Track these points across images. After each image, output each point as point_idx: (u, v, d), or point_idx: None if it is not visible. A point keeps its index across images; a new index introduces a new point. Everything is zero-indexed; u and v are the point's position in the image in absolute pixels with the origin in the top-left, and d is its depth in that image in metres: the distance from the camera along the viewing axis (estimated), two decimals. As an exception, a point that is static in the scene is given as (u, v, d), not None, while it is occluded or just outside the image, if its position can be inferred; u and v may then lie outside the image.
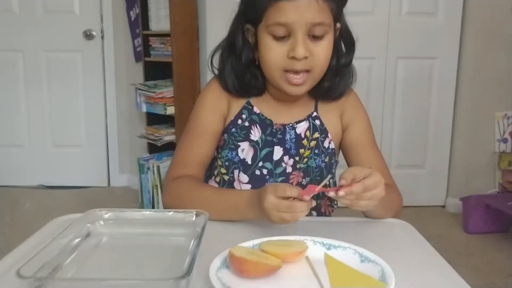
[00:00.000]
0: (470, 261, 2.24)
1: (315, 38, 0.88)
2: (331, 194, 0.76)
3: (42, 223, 0.87)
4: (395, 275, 0.64)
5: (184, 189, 0.93)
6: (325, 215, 1.05)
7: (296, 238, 0.76)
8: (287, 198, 0.76)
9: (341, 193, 0.75)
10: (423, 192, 2.92)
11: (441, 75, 2.83)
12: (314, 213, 1.03)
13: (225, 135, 1.01)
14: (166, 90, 2.65)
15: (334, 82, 0.98)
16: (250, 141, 0.99)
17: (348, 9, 0.97)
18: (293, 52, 0.86)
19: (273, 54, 0.89)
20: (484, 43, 2.74)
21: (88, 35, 3.10)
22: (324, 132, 1.02)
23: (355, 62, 1.03)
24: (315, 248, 0.74)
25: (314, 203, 0.77)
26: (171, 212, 0.79)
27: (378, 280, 0.65)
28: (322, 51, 0.89)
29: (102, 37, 3.12)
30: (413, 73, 2.83)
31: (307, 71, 0.90)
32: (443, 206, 2.95)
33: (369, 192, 0.76)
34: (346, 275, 0.68)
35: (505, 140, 2.83)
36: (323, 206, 1.05)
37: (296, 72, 0.89)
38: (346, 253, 0.73)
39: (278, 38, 0.88)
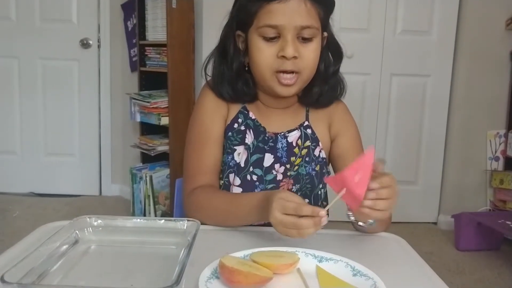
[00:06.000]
0: (461, 279, 2.23)
1: (304, 40, 0.91)
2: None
3: (32, 231, 0.86)
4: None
5: (200, 200, 0.95)
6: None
7: (287, 250, 0.75)
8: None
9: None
10: (415, 208, 2.92)
11: (434, 92, 2.85)
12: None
13: (224, 140, 1.01)
14: (161, 100, 2.65)
15: (323, 89, 1.00)
16: (245, 144, 1.00)
17: (343, 26, 0.98)
18: (283, 52, 0.89)
19: (264, 54, 0.92)
20: (477, 61, 2.77)
21: (84, 44, 3.10)
22: (315, 140, 1.03)
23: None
24: (307, 260, 0.74)
25: (325, 221, 0.73)
26: (162, 220, 0.78)
27: (370, 294, 0.64)
28: (310, 53, 0.92)
29: (99, 46, 3.12)
30: (406, 90, 2.85)
31: (297, 72, 0.92)
32: (435, 223, 2.95)
33: (385, 189, 0.74)
34: (337, 288, 0.67)
35: (496, 158, 2.84)
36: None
37: (286, 72, 0.91)
38: (338, 266, 0.72)
39: (268, 39, 0.91)
